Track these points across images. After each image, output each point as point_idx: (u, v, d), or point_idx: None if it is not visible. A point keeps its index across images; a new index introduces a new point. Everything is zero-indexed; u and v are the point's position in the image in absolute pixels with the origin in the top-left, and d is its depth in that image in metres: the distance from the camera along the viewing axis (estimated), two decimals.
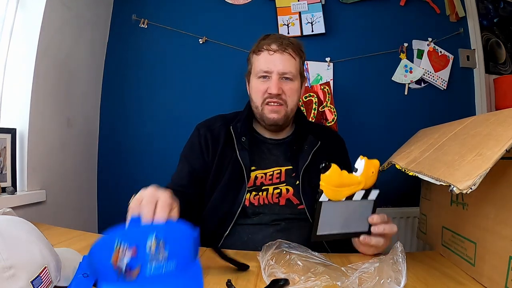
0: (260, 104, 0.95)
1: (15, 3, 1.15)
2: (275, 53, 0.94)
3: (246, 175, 0.93)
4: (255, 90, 0.96)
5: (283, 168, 0.96)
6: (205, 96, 1.53)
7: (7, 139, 1.07)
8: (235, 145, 0.96)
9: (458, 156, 0.52)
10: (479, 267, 0.59)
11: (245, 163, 0.94)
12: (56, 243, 0.78)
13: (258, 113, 0.97)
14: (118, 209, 1.51)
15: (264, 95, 0.94)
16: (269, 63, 0.93)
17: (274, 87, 0.91)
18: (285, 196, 0.93)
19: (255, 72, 0.96)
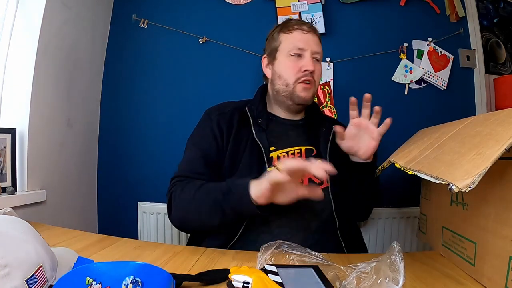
0: (292, 82, 0.94)
1: (15, 3, 1.15)
2: (308, 33, 0.96)
3: (266, 156, 0.91)
4: (287, 67, 0.95)
5: (303, 148, 0.96)
6: (205, 96, 1.53)
7: (7, 139, 1.07)
8: (252, 126, 0.95)
9: (458, 155, 0.52)
10: (479, 267, 0.59)
11: (264, 143, 0.92)
12: (56, 243, 0.78)
13: (288, 91, 0.96)
14: (118, 209, 1.52)
15: (298, 73, 0.94)
16: (303, 41, 0.95)
17: (311, 64, 0.93)
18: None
19: (286, 50, 0.96)
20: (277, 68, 0.98)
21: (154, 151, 1.53)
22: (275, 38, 1.00)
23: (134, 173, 1.53)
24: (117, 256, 0.71)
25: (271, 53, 1.01)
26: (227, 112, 0.98)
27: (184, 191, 0.84)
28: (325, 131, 1.00)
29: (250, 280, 0.50)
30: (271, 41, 1.02)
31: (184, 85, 1.54)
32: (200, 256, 0.72)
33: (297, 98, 0.95)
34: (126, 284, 0.43)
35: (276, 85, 0.98)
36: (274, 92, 1.00)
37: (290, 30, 0.97)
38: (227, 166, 0.92)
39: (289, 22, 1.00)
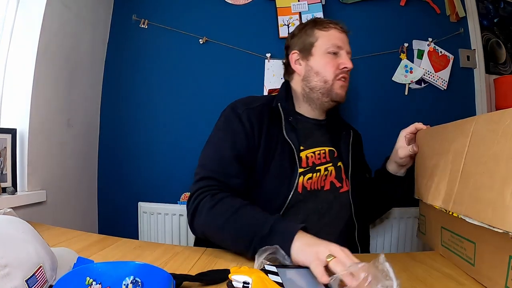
0: (331, 79, 0.94)
1: (16, 3, 1.15)
2: (342, 32, 0.98)
3: (297, 156, 0.88)
4: (326, 64, 0.94)
5: (326, 148, 0.96)
6: (205, 96, 1.53)
7: (7, 139, 1.07)
8: (283, 125, 0.91)
9: (496, 193, 0.50)
10: (479, 267, 0.59)
11: (294, 143, 0.89)
12: (56, 243, 0.78)
13: (325, 88, 0.94)
14: (118, 209, 1.52)
15: (336, 71, 0.94)
16: (340, 40, 0.96)
17: (349, 62, 0.95)
18: (329, 178, 0.93)
19: (324, 47, 0.95)
20: (314, 64, 0.96)
21: (155, 151, 1.53)
22: (310, 34, 0.98)
23: (134, 173, 1.53)
24: (117, 256, 0.71)
25: (304, 49, 0.98)
26: (256, 108, 0.93)
27: (216, 208, 0.75)
28: (345, 134, 1.01)
29: (250, 280, 0.50)
30: (303, 37, 0.99)
31: (184, 85, 1.54)
32: (200, 256, 0.72)
33: (335, 95, 0.95)
34: (126, 284, 0.43)
35: (311, 81, 0.96)
36: (307, 89, 0.97)
37: (326, 28, 0.96)
38: (260, 165, 0.86)
39: (321, 20, 1.00)
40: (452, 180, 0.65)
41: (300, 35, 1.01)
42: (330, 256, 0.56)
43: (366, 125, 1.50)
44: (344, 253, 0.58)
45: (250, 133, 0.87)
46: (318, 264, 0.57)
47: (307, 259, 0.60)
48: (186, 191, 1.47)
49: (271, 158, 0.87)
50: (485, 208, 0.52)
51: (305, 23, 1.02)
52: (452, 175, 0.65)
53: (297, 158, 0.88)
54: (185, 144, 1.51)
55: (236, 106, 0.93)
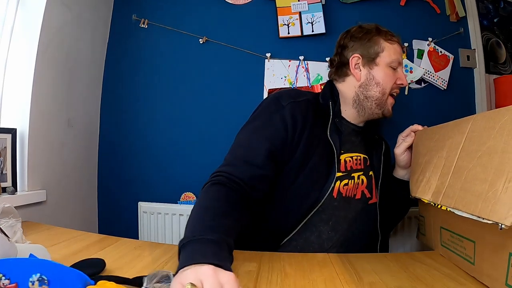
0: (388, 92, 0.94)
1: (16, 3, 1.15)
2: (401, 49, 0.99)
3: (336, 159, 0.86)
4: (388, 77, 0.94)
5: (361, 155, 0.95)
6: (205, 96, 1.53)
7: (7, 139, 1.07)
8: (329, 125, 0.89)
9: (488, 185, 0.50)
10: (479, 266, 0.59)
11: (336, 146, 0.87)
12: (56, 243, 0.78)
13: (381, 100, 0.94)
14: (118, 209, 1.52)
15: (393, 85, 0.95)
16: (401, 56, 0.98)
17: (405, 80, 0.97)
18: (361, 187, 0.92)
19: (389, 59, 0.94)
20: (377, 74, 0.94)
21: (154, 151, 1.53)
22: (376, 42, 0.95)
23: (134, 173, 1.53)
24: (117, 256, 0.71)
25: (369, 56, 0.95)
26: (301, 102, 0.89)
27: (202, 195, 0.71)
28: (378, 145, 1.02)
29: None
30: (368, 43, 0.96)
31: (184, 85, 1.54)
32: None
33: (387, 111, 0.96)
34: (32, 282, 0.43)
35: (370, 90, 0.94)
36: (362, 96, 0.95)
37: (392, 41, 0.97)
38: (297, 162, 0.83)
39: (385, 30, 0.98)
40: (444, 174, 0.65)
41: (364, 40, 0.97)
42: (192, 285, 0.44)
43: None
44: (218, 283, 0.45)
45: (291, 129, 0.83)
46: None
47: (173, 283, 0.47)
48: (186, 191, 1.47)
49: (310, 157, 0.84)
50: (475, 200, 0.52)
51: (368, 29, 0.98)
52: (444, 170, 0.66)
53: (337, 161, 0.86)
54: (185, 143, 1.51)
55: (281, 97, 0.89)
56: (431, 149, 0.76)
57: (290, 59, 1.49)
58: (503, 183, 0.47)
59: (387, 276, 0.62)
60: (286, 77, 1.49)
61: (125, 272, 0.61)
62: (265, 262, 0.69)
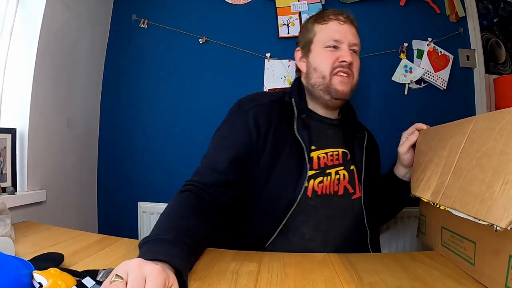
0: (328, 74, 0.89)
1: (15, 3, 1.15)
2: (345, 24, 0.92)
3: (307, 156, 0.84)
4: (323, 58, 0.90)
5: (340, 150, 0.91)
6: (205, 96, 1.53)
7: (7, 139, 1.07)
8: (295, 122, 0.87)
9: (485, 186, 0.50)
10: (479, 267, 0.59)
11: (305, 142, 0.85)
12: (56, 243, 0.78)
13: (324, 84, 0.90)
14: (118, 209, 1.52)
15: (334, 64, 0.89)
16: (340, 32, 0.91)
17: (348, 55, 0.89)
18: (342, 182, 0.88)
19: (322, 41, 0.91)
20: (312, 61, 0.93)
21: (154, 151, 1.53)
22: (310, 30, 0.94)
23: (134, 173, 1.53)
24: (117, 256, 0.71)
25: (305, 46, 0.95)
26: (265, 104, 0.89)
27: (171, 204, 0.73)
28: (359, 136, 0.97)
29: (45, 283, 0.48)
30: (305, 33, 0.96)
31: (184, 85, 1.54)
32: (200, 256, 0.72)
33: (334, 91, 0.89)
34: None
35: (311, 78, 0.92)
36: (310, 87, 0.94)
37: (326, 21, 0.92)
38: (266, 164, 0.83)
39: (325, 12, 0.94)
40: (444, 174, 0.65)
41: (303, 31, 0.98)
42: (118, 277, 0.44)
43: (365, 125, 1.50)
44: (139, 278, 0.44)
45: (255, 133, 0.83)
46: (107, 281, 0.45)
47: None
48: None
49: (278, 157, 0.83)
50: (472, 200, 0.52)
51: (309, 17, 0.99)
52: (444, 170, 0.66)
53: (307, 158, 0.83)
54: (185, 143, 1.51)
55: (244, 102, 0.90)
56: (432, 149, 0.76)
57: (290, 59, 1.49)
58: (500, 184, 0.47)
59: (387, 276, 0.62)
60: (286, 77, 1.49)
61: None
62: (265, 262, 0.69)
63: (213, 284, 0.57)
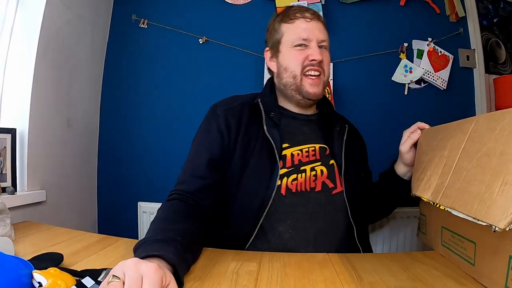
0: (299, 73, 0.89)
1: (15, 3, 1.15)
2: (312, 21, 0.90)
3: (277, 154, 0.83)
4: (292, 58, 0.89)
5: (317, 146, 0.90)
6: (205, 96, 1.53)
7: (7, 139, 1.07)
8: (263, 121, 0.87)
9: (485, 186, 0.50)
10: (479, 267, 0.59)
11: (275, 140, 0.85)
12: (56, 243, 0.78)
13: (295, 85, 0.90)
14: (118, 209, 1.52)
15: (304, 63, 0.88)
16: (308, 30, 0.89)
17: (318, 53, 0.87)
18: (320, 178, 0.86)
19: (290, 41, 0.90)
20: (282, 61, 0.92)
21: (154, 151, 1.53)
22: (277, 30, 0.94)
23: (134, 173, 1.53)
24: (117, 256, 0.71)
25: (273, 46, 0.95)
26: (236, 107, 0.91)
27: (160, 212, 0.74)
28: (338, 130, 0.95)
29: (45, 283, 0.48)
30: (272, 32, 0.95)
31: (184, 85, 1.54)
32: (200, 257, 0.72)
33: (306, 93, 0.89)
34: None
35: (283, 78, 0.92)
36: (282, 86, 0.94)
37: (292, 20, 0.91)
38: (238, 166, 0.84)
39: (290, 10, 0.93)
40: (444, 174, 0.65)
41: (270, 30, 0.97)
42: (115, 277, 0.44)
43: (365, 125, 1.50)
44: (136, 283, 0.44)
45: (227, 135, 0.86)
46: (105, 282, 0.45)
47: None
48: None
49: (249, 157, 0.84)
50: (472, 200, 0.52)
51: (275, 16, 0.97)
52: (445, 169, 0.65)
53: (278, 156, 0.83)
54: (185, 143, 1.50)
55: (216, 107, 0.93)
56: (433, 148, 0.76)
57: None
58: (499, 185, 0.47)
59: (387, 276, 0.62)
60: None
61: None
62: (265, 262, 0.69)
63: (213, 284, 0.57)
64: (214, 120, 0.89)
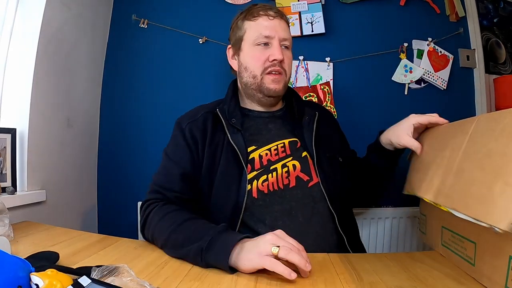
0: (260, 73, 0.88)
1: (15, 2, 1.15)
2: (274, 19, 0.89)
3: (243, 159, 0.83)
4: (253, 57, 0.89)
5: (286, 141, 0.90)
6: (205, 96, 1.52)
7: (7, 139, 1.07)
8: (225, 129, 0.88)
9: (486, 188, 0.50)
10: (479, 267, 0.59)
11: (239, 146, 0.85)
12: (56, 243, 0.78)
13: (256, 84, 0.90)
14: (118, 209, 1.52)
15: (265, 64, 0.88)
16: (270, 28, 0.88)
17: (279, 53, 0.86)
18: (293, 173, 0.86)
19: (252, 39, 0.89)
20: (243, 59, 0.91)
21: (154, 151, 1.53)
22: (239, 27, 0.92)
23: (134, 173, 1.53)
24: (117, 256, 0.71)
25: (235, 43, 0.94)
26: (199, 118, 0.91)
27: (162, 223, 0.75)
28: (308, 119, 0.94)
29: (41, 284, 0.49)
30: (235, 30, 0.95)
31: (184, 85, 1.54)
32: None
33: (267, 90, 0.89)
34: None
35: (243, 77, 0.92)
36: (243, 85, 0.94)
37: (255, 17, 0.89)
38: (205, 176, 0.85)
39: (254, 8, 0.92)
40: (445, 174, 0.65)
41: (233, 28, 0.96)
42: (275, 248, 0.58)
43: (366, 125, 1.50)
44: (281, 237, 0.62)
45: (194, 149, 0.87)
46: (270, 260, 0.58)
47: (256, 263, 0.60)
48: None
49: (217, 165, 0.85)
50: (473, 202, 0.52)
51: (239, 14, 0.96)
52: (446, 170, 0.65)
53: (244, 162, 0.83)
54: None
55: (181, 121, 0.93)
56: (435, 148, 0.75)
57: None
58: (500, 186, 0.47)
59: (387, 276, 0.62)
60: None
61: None
62: None
63: (213, 284, 0.57)
64: (181, 135, 0.90)
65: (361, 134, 1.48)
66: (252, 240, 0.63)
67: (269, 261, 0.58)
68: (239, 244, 0.63)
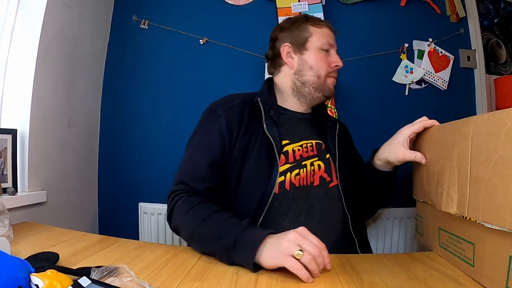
0: (324, 75, 0.96)
1: (16, 3, 1.15)
2: (333, 32, 1.01)
3: (277, 150, 0.86)
4: (320, 59, 0.96)
5: (313, 141, 0.95)
6: (205, 97, 1.52)
7: (8, 139, 1.07)
8: (263, 119, 0.90)
9: (510, 196, 0.49)
10: (478, 268, 0.59)
11: (275, 137, 0.87)
12: (56, 244, 0.78)
13: (319, 83, 0.96)
14: (118, 210, 1.53)
15: (329, 68, 0.96)
16: (332, 39, 0.99)
17: (340, 61, 0.98)
18: (318, 173, 0.90)
19: (319, 43, 0.96)
20: (308, 59, 0.96)
21: (155, 151, 1.53)
22: (303, 29, 0.98)
23: (134, 173, 1.53)
24: (117, 256, 0.71)
25: (298, 43, 0.98)
26: (236, 106, 0.92)
27: (188, 215, 0.77)
28: (330, 126, 1.01)
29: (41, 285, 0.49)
30: (296, 31, 0.99)
31: (185, 86, 1.54)
32: (200, 257, 0.72)
33: (328, 91, 0.97)
34: None
35: (304, 75, 0.96)
36: (298, 83, 0.97)
37: (320, 25, 0.98)
38: (236, 163, 0.86)
39: (312, 17, 1.01)
40: (461, 185, 0.63)
41: (292, 29, 1.00)
42: (299, 252, 0.60)
43: (366, 126, 1.50)
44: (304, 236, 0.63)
45: (228, 136, 0.87)
46: (292, 262, 0.60)
47: (278, 261, 0.61)
48: None
49: (249, 155, 0.86)
50: (502, 212, 0.50)
51: (295, 18, 1.03)
52: (461, 181, 0.63)
53: (277, 154, 0.86)
54: (185, 144, 1.51)
55: (215, 107, 0.93)
56: (439, 157, 0.73)
57: None
58: None
59: (387, 277, 0.62)
60: None
61: None
62: None
63: (213, 284, 0.57)
64: (215, 122, 0.89)
65: (361, 135, 1.48)
66: (275, 238, 0.64)
67: (292, 262, 0.59)
68: (265, 241, 0.64)
